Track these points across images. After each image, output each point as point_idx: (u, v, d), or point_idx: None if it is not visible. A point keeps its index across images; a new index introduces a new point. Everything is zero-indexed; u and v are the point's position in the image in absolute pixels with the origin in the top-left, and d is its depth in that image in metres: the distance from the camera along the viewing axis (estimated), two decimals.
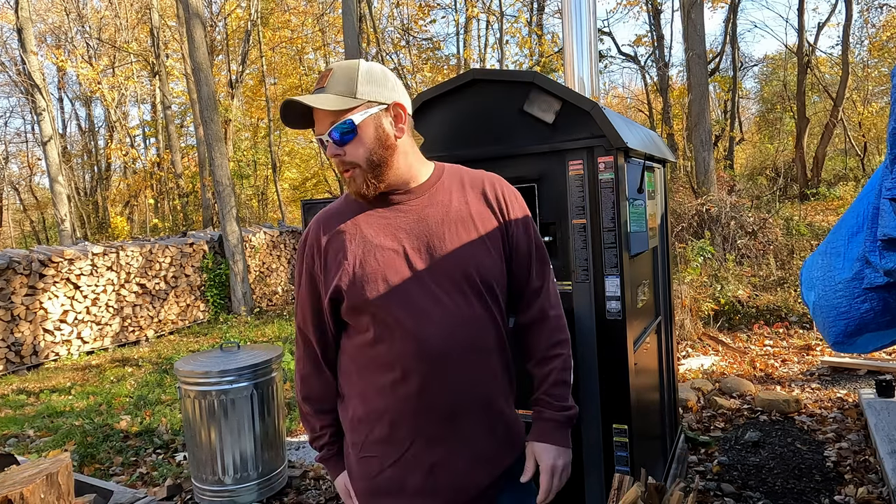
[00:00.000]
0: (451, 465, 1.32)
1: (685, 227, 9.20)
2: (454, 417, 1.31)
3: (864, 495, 2.92)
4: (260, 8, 17.84)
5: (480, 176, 1.43)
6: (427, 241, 1.32)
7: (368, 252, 1.31)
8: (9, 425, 5.25)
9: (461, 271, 1.31)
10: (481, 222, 1.36)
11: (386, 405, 1.32)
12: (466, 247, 1.33)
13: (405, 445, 1.32)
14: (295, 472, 3.72)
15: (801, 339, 5.95)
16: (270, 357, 3.44)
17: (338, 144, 1.28)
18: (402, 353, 1.28)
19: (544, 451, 1.39)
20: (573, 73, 2.84)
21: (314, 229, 1.39)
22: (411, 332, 1.27)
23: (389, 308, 1.28)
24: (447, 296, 1.30)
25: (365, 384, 1.35)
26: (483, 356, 1.33)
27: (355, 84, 1.28)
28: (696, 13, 11.50)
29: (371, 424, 1.34)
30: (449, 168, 1.43)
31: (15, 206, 26.17)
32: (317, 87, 1.31)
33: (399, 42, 17.06)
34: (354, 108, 1.27)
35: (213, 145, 10.66)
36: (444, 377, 1.29)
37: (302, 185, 24.81)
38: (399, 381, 1.29)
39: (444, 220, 1.34)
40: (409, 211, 1.34)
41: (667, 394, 3.03)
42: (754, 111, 29.03)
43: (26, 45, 13.34)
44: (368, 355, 1.33)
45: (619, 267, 2.17)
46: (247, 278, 10.66)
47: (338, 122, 1.26)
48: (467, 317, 1.31)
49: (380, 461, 1.34)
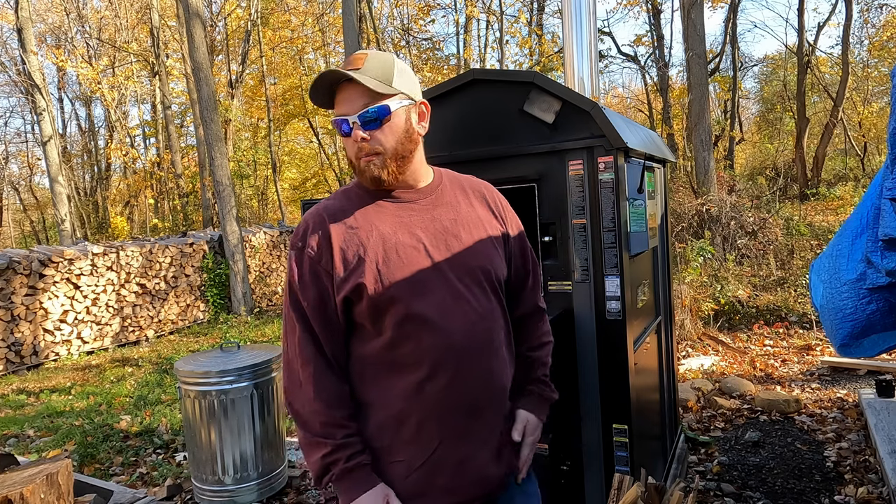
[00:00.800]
0: (476, 460, 1.34)
1: (685, 227, 9.20)
2: (477, 412, 1.34)
3: (864, 495, 2.92)
4: (260, 8, 17.84)
5: (478, 183, 1.51)
6: (444, 239, 1.34)
7: (390, 249, 1.29)
8: (9, 425, 5.25)
9: (479, 267, 1.35)
10: (488, 225, 1.43)
11: (411, 407, 1.29)
12: (480, 245, 1.38)
13: (433, 445, 1.30)
14: (295, 472, 3.72)
15: (801, 339, 5.95)
16: (270, 357, 3.44)
17: (366, 128, 1.26)
18: (431, 350, 1.27)
19: (535, 427, 1.48)
20: (573, 73, 2.84)
21: (318, 223, 1.32)
22: (440, 328, 1.27)
23: (417, 305, 1.27)
24: (468, 291, 1.33)
25: (383, 389, 1.31)
26: (497, 349, 1.37)
27: (392, 74, 1.28)
28: (696, 13, 11.50)
29: (395, 429, 1.30)
30: (446, 173, 1.47)
31: (15, 206, 26.18)
32: (349, 67, 1.26)
33: (399, 42, 17.06)
34: (392, 95, 1.28)
35: (213, 145, 10.66)
36: (470, 371, 1.31)
37: (302, 185, 24.81)
38: (426, 380, 1.28)
39: (458, 220, 1.38)
40: (421, 210, 1.36)
41: (667, 394, 3.03)
42: (754, 111, 29.04)
43: (26, 45, 13.33)
44: (388, 357, 1.30)
45: (619, 267, 2.17)
46: (247, 278, 10.66)
47: (373, 106, 1.25)
48: (485, 311, 1.35)
49: (407, 465, 1.31)
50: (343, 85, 1.27)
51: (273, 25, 20.19)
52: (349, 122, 1.26)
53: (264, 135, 21.55)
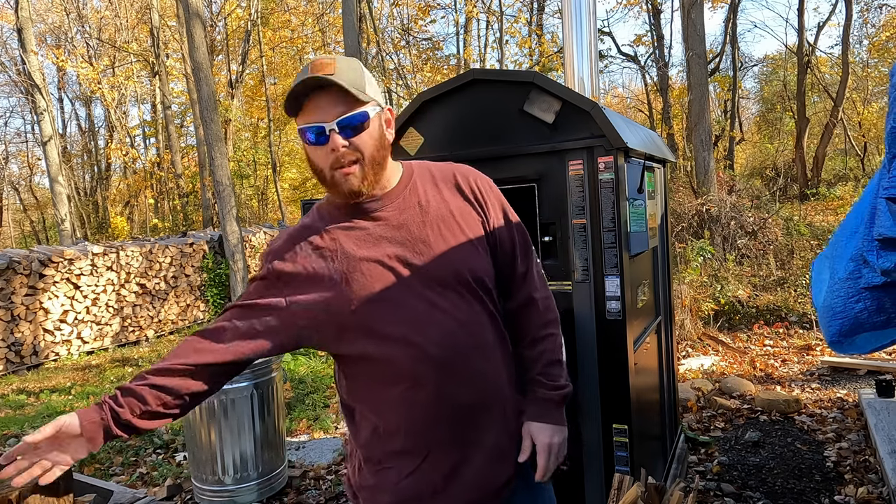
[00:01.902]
0: (471, 464, 1.31)
1: (685, 227, 9.19)
2: (469, 419, 1.31)
3: (864, 495, 2.92)
4: (260, 8, 17.83)
5: (450, 168, 1.41)
6: (412, 247, 1.28)
7: (353, 269, 1.25)
8: (9, 425, 5.25)
9: (452, 272, 1.29)
10: (462, 218, 1.34)
11: (398, 418, 1.29)
12: (453, 247, 1.30)
13: (423, 454, 1.30)
14: (295, 472, 3.72)
15: (801, 339, 5.95)
16: (270, 357, 3.44)
17: (345, 136, 1.21)
18: (408, 364, 1.25)
19: (540, 431, 1.38)
20: (573, 73, 2.84)
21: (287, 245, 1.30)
22: (413, 342, 1.24)
23: (385, 321, 1.24)
24: (442, 299, 1.27)
25: (370, 402, 1.33)
26: (487, 353, 1.32)
27: (364, 80, 1.24)
28: (696, 13, 11.50)
29: (385, 439, 1.31)
30: (417, 166, 1.39)
31: (15, 206, 26.17)
32: (320, 72, 1.20)
33: (399, 42, 17.05)
34: (367, 102, 1.23)
35: (213, 145, 10.65)
36: (454, 380, 1.27)
37: (302, 185, 24.80)
38: (408, 393, 1.27)
39: (425, 223, 1.30)
40: (386, 219, 1.29)
41: (667, 394, 3.03)
42: (754, 111, 29.03)
43: (26, 45, 13.33)
44: (368, 375, 1.30)
45: (619, 267, 2.17)
46: (247, 278, 10.65)
47: (350, 113, 1.21)
48: (466, 317, 1.29)
49: (397, 472, 1.31)
50: (315, 91, 1.21)
51: (273, 25, 20.19)
52: (326, 130, 1.20)
53: (264, 135, 21.54)
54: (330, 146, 1.21)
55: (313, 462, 3.91)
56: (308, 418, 4.82)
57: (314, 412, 4.95)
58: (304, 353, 7.00)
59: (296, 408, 5.07)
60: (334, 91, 1.20)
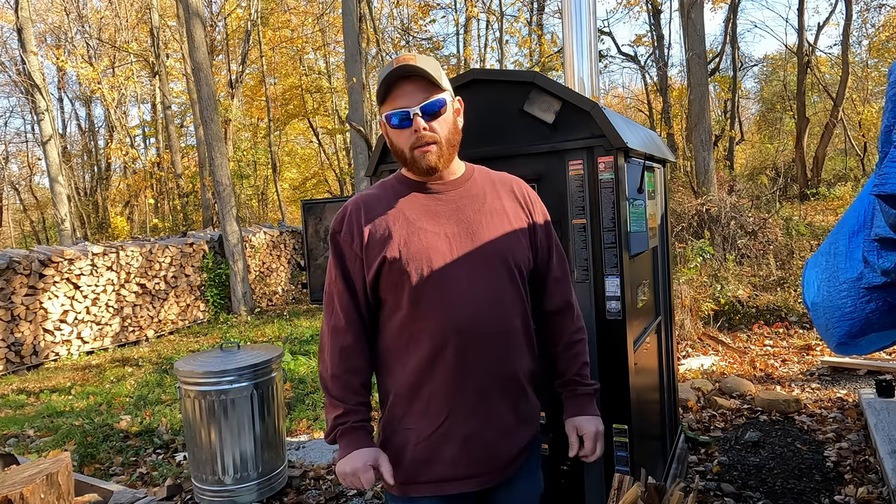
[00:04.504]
0: (482, 437, 1.43)
1: (685, 227, 9.19)
2: (484, 392, 1.42)
3: (864, 495, 2.92)
4: (260, 8, 17.83)
5: (508, 177, 1.60)
6: (466, 227, 1.44)
7: (412, 233, 1.41)
8: (9, 425, 5.25)
9: (498, 255, 1.44)
10: (513, 215, 1.51)
11: (423, 380, 1.41)
12: (503, 235, 1.47)
13: (441, 418, 1.41)
14: (295, 472, 3.72)
15: (801, 339, 5.95)
16: (270, 357, 3.44)
17: (426, 119, 1.38)
18: (439, 329, 1.38)
19: (586, 422, 1.54)
20: (573, 73, 2.84)
21: (354, 210, 1.46)
22: (449, 310, 1.37)
23: (429, 285, 1.38)
24: (483, 277, 1.41)
25: (403, 360, 1.43)
26: (512, 335, 1.44)
27: (440, 72, 1.41)
28: (696, 13, 11.50)
29: (409, 400, 1.43)
30: (478, 168, 1.57)
31: (15, 206, 26.18)
32: (404, 64, 1.37)
33: (399, 42, 17.05)
34: (444, 90, 1.41)
35: (213, 145, 10.66)
36: (478, 353, 1.39)
37: (302, 185, 24.79)
38: (436, 357, 1.39)
39: (482, 211, 1.47)
40: (449, 200, 1.47)
41: (667, 394, 3.03)
42: (754, 111, 29.03)
43: (26, 45, 13.33)
44: (406, 333, 1.42)
45: (619, 267, 2.17)
46: (247, 278, 10.66)
47: (432, 98, 1.38)
48: (500, 296, 1.42)
49: (416, 433, 1.43)
50: (400, 81, 1.38)
51: (273, 25, 20.19)
52: (410, 114, 1.37)
53: (264, 135, 21.54)
54: (413, 128, 1.39)
55: (313, 462, 3.91)
56: (308, 418, 4.82)
57: (314, 412, 4.95)
58: (304, 353, 7.00)
59: (296, 408, 5.07)
60: (418, 80, 1.38)
